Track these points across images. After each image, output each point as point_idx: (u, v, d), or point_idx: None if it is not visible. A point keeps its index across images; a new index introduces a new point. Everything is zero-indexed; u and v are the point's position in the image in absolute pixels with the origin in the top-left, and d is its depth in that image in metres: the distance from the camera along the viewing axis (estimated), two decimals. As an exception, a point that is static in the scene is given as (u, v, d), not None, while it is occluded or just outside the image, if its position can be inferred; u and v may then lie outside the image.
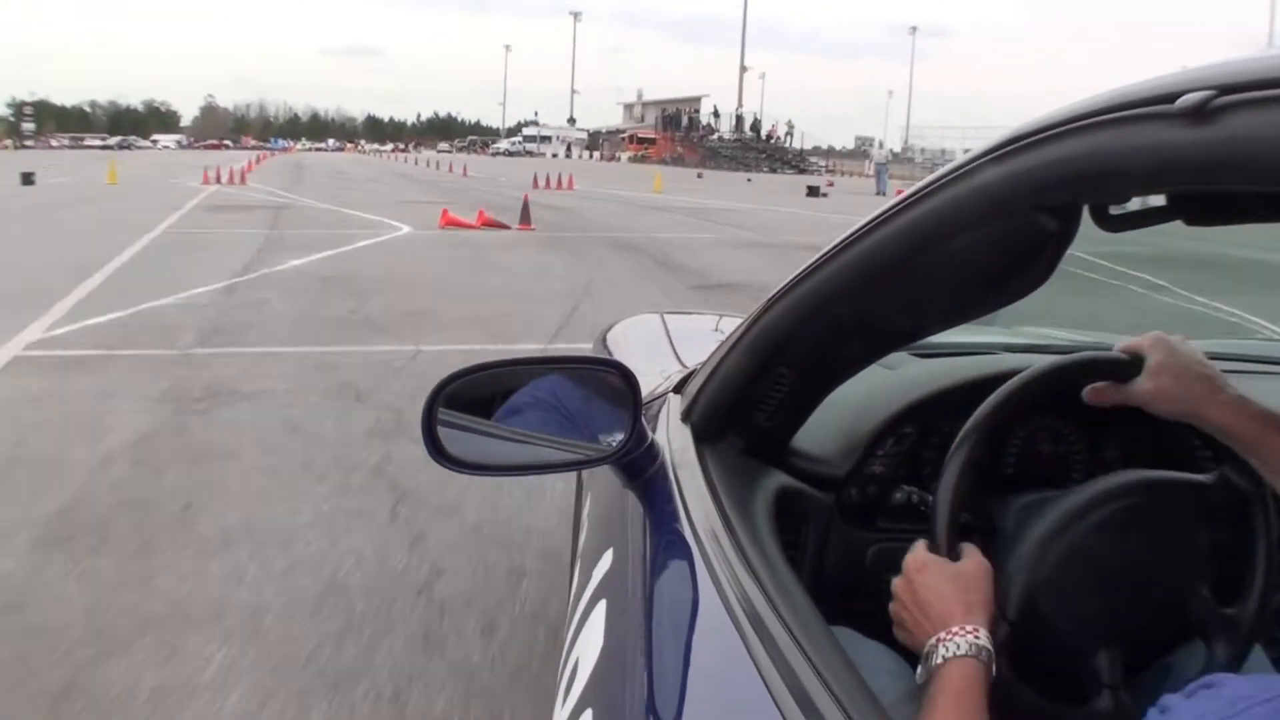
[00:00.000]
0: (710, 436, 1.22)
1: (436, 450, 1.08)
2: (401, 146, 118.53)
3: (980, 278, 0.89)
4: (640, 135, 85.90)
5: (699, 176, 44.82)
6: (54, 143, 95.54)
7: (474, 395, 1.13)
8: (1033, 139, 0.73)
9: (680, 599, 0.98)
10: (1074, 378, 1.10)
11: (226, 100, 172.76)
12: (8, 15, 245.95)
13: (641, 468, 1.22)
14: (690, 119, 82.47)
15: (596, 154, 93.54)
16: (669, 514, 1.12)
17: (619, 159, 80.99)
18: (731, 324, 1.27)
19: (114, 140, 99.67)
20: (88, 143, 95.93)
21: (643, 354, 2.05)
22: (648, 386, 1.33)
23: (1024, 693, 0.97)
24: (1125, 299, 5.44)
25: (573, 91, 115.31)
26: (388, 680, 2.48)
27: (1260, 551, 1.06)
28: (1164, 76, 0.63)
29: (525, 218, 14.91)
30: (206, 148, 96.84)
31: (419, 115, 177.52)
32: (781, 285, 1.08)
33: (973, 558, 0.98)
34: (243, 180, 26.47)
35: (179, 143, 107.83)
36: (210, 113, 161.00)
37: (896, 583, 0.99)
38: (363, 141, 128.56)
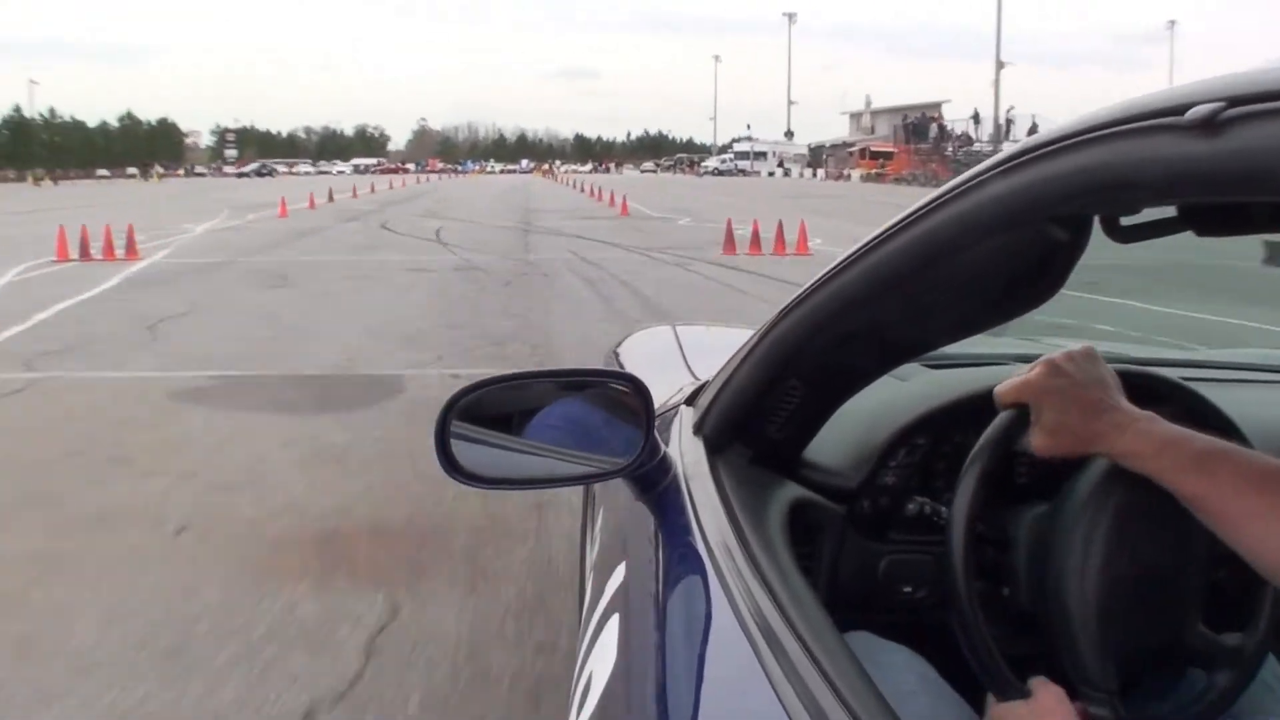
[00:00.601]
0: (722, 449, 1.21)
1: (449, 463, 1.07)
2: (600, 166, 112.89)
3: (992, 289, 0.88)
4: (874, 149, 70.36)
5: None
6: (227, 170, 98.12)
7: (486, 409, 1.12)
8: (1044, 151, 0.73)
9: (694, 613, 0.97)
10: (1005, 449, 1.05)
11: (439, 124, 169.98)
12: (236, 49, 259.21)
13: (654, 481, 1.21)
14: (941, 127, 66.26)
15: (820, 171, 79.07)
16: (682, 527, 1.11)
17: (848, 177, 65.66)
18: (743, 337, 1.24)
19: (251, 167, 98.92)
20: (241, 170, 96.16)
21: (655, 367, 1.99)
22: (660, 399, 1.32)
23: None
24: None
25: (789, 102, 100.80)
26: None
27: None
28: (1174, 88, 0.63)
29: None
30: (383, 171, 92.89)
31: (629, 134, 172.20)
32: (793, 298, 1.07)
33: (1044, 690, 0.94)
34: (131, 252, 14.06)
35: (355, 167, 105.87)
36: (421, 135, 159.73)
37: None
38: (557, 162, 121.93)
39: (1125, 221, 0.77)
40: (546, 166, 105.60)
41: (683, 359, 2.07)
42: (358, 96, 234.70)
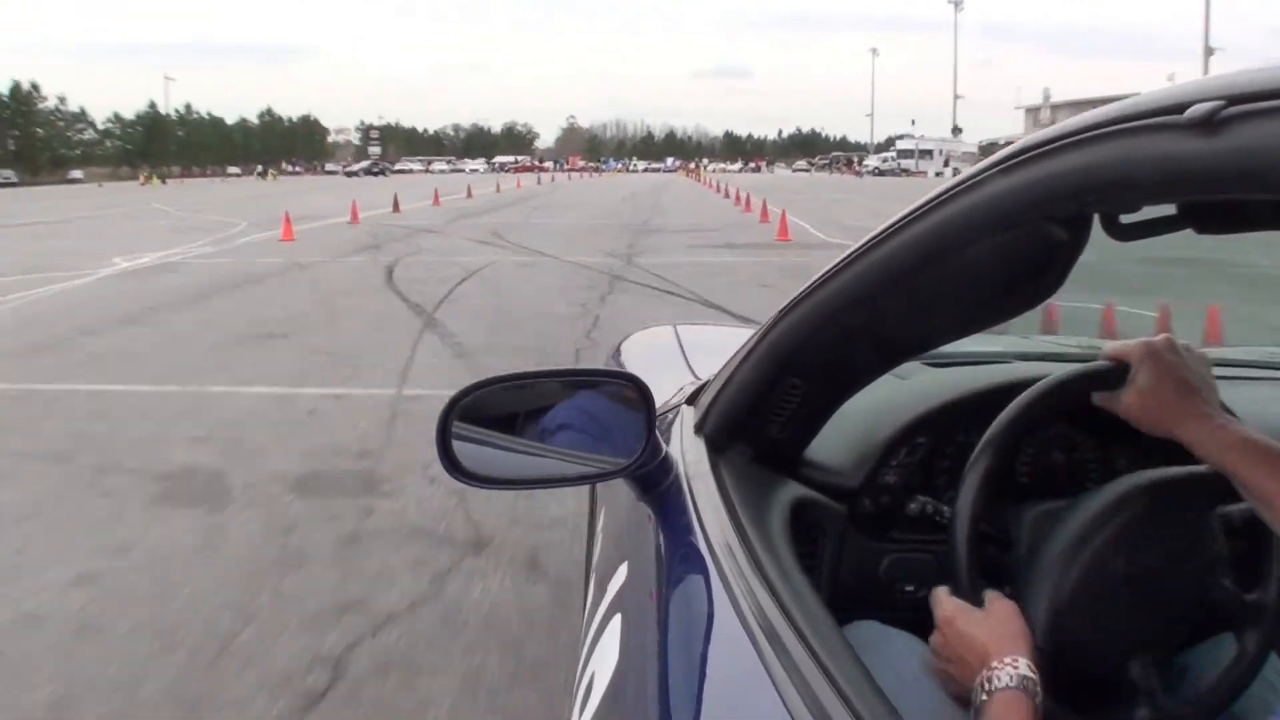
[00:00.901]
0: (724, 448, 1.21)
1: (451, 463, 1.06)
2: (750, 165, 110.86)
3: (992, 287, 0.88)
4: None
5: None
6: (353, 167, 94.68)
7: (488, 409, 1.11)
8: (1043, 149, 0.73)
9: (695, 612, 0.97)
10: (1073, 394, 1.07)
11: (588, 121, 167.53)
12: (391, 50, 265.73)
13: (656, 481, 1.20)
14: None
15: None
16: (683, 527, 1.10)
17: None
18: (744, 336, 1.24)
19: (360, 165, 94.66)
20: (349, 169, 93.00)
21: (656, 366, 1.98)
22: (661, 399, 1.31)
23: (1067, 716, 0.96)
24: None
25: (955, 95, 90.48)
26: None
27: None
28: (1173, 87, 0.62)
29: None
30: (517, 170, 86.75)
31: (780, 132, 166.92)
32: (793, 297, 1.07)
33: (998, 600, 0.97)
34: None
35: (490, 165, 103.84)
36: (570, 133, 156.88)
37: (933, 639, 0.98)
38: (704, 161, 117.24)
39: (1125, 219, 0.77)
40: (692, 165, 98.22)
41: (684, 359, 2.06)
42: (510, 95, 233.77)
